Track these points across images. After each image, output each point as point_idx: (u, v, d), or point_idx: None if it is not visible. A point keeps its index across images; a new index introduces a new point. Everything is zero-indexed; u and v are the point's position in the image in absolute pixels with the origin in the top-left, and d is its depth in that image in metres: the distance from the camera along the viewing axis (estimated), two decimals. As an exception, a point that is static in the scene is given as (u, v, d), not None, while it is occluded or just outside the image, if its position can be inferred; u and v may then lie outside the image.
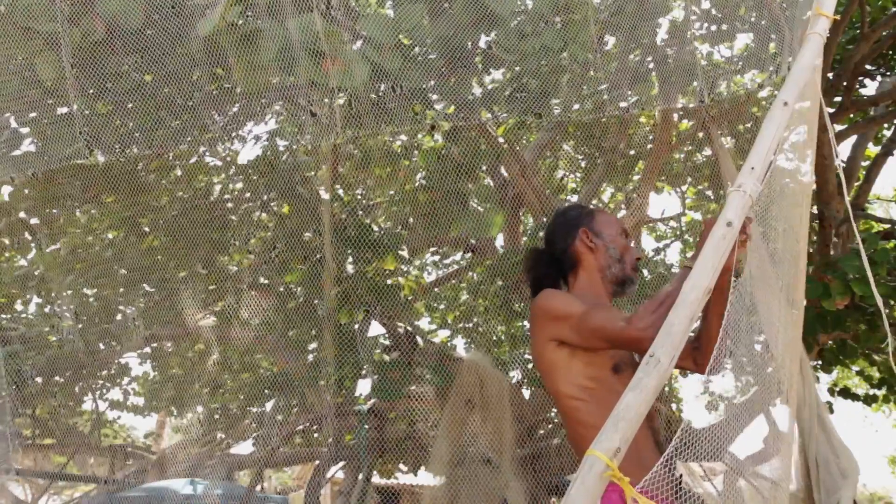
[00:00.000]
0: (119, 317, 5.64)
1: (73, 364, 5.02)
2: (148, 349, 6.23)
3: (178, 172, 4.39)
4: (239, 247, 4.89)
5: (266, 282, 4.84)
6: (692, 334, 2.28)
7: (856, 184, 6.29)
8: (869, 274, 1.96)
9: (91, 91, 3.39)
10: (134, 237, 5.00)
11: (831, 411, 6.78)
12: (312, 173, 4.78)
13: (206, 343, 5.56)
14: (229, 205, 5.00)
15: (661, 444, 1.80)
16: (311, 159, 4.55)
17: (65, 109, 3.44)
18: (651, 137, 5.44)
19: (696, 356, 1.91)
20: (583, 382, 1.79)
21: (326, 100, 3.34)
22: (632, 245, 2.07)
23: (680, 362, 1.95)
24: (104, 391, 6.51)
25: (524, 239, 5.33)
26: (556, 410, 4.87)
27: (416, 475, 5.79)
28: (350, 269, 4.52)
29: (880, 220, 6.32)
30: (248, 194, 5.08)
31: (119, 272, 5.11)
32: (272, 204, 5.02)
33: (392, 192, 5.01)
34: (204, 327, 5.57)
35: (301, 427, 5.39)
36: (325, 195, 4.52)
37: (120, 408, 6.87)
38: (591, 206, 2.53)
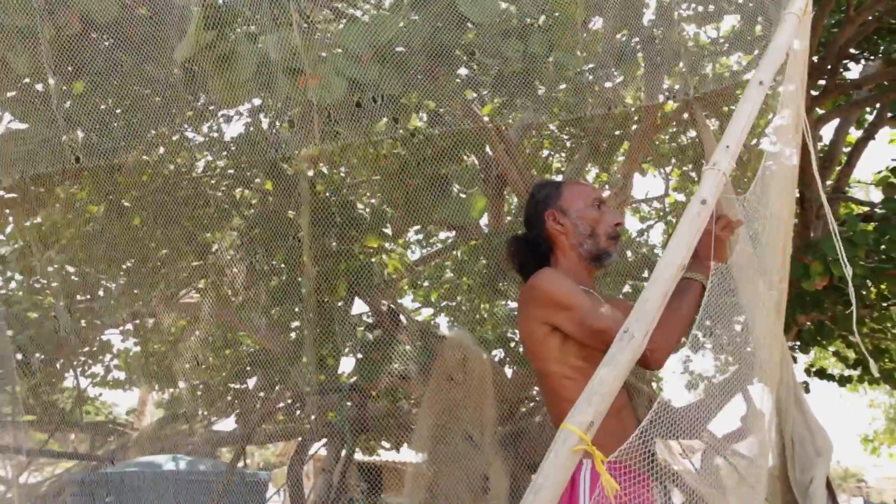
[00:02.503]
0: (101, 293, 5.60)
1: (54, 341, 4.99)
2: (130, 326, 6.20)
3: (161, 150, 4.34)
4: (221, 224, 4.86)
5: (248, 259, 4.82)
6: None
7: (837, 167, 6.34)
8: (841, 254, 1.97)
9: (69, 68, 3.34)
10: (115, 214, 4.95)
11: (807, 391, 6.90)
12: (296, 151, 4.74)
13: (189, 320, 5.55)
14: (212, 181, 4.96)
15: (636, 420, 1.82)
16: (295, 137, 4.51)
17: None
18: (636, 119, 5.45)
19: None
20: (575, 363, 1.77)
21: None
22: (607, 213, 2.00)
23: None
24: (86, 368, 6.48)
25: (508, 219, 5.34)
26: (538, 389, 4.92)
27: (398, 452, 5.84)
28: (334, 246, 4.51)
29: (860, 203, 6.38)
30: (231, 171, 5.04)
31: (101, 248, 5.07)
32: (256, 181, 4.99)
33: (375, 175, 4.99)
34: (186, 304, 5.55)
35: (283, 404, 5.41)
36: (305, 175, 4.50)
37: (102, 384, 6.85)
38: (561, 180, 2.44)
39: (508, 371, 5.10)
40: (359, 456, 6.08)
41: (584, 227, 1.95)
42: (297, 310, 4.73)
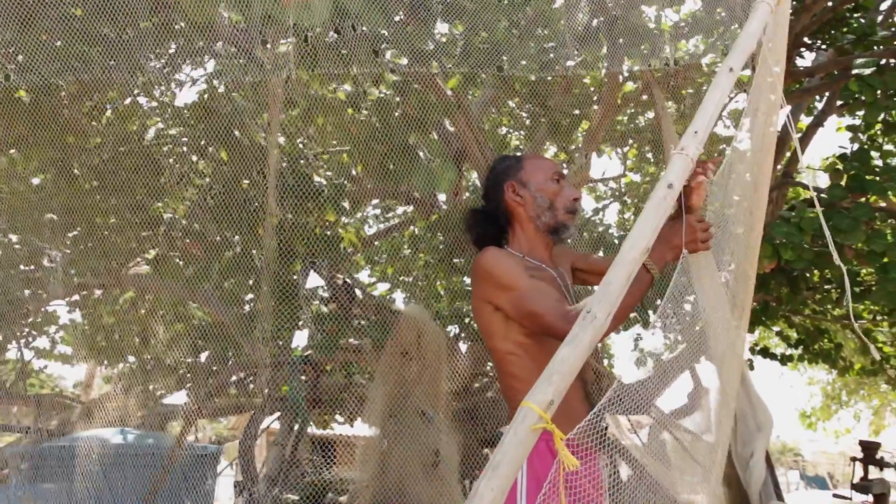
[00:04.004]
0: (46, 262, 5.42)
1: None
2: (77, 297, 6.03)
3: (109, 113, 4.18)
4: (173, 192, 4.73)
5: (201, 230, 4.71)
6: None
7: (788, 153, 6.50)
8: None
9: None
10: (63, 181, 4.78)
11: (751, 368, 7.14)
12: (253, 120, 4.63)
13: (138, 292, 5.41)
14: (164, 148, 4.81)
15: (590, 397, 1.84)
16: (252, 104, 4.40)
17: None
18: (596, 98, 5.48)
19: None
20: (519, 339, 1.79)
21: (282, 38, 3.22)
22: (566, 188, 2.00)
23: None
24: (30, 339, 6.29)
25: (467, 194, 5.34)
26: (491, 364, 4.96)
27: (352, 426, 5.85)
28: (290, 218, 4.44)
29: (808, 188, 6.57)
30: (184, 139, 4.90)
31: (46, 217, 4.89)
32: (209, 149, 4.86)
33: (335, 143, 4.91)
34: (136, 276, 5.41)
35: (236, 378, 5.34)
36: (269, 143, 4.40)
37: (47, 357, 6.65)
38: (522, 154, 2.45)
39: (463, 347, 5.13)
40: (312, 430, 6.06)
41: (543, 200, 1.95)
42: (250, 282, 4.66)
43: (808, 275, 5.82)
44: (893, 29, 4.93)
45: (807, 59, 6.29)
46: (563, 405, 1.20)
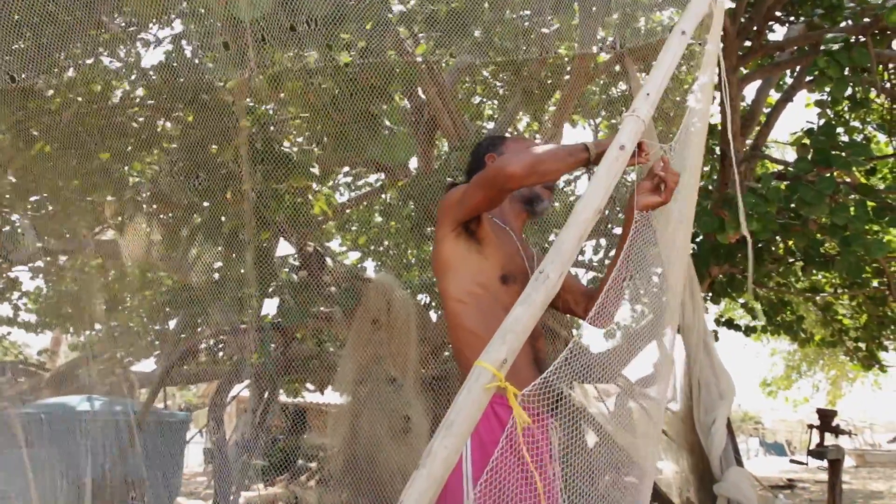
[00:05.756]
0: (7, 228, 5.29)
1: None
2: (40, 263, 5.91)
3: (71, 73, 4.05)
4: (139, 156, 4.63)
5: (170, 194, 4.63)
6: (592, 286, 2.34)
7: (757, 127, 6.57)
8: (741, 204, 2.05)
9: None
10: (22, 143, 4.64)
11: (716, 339, 7.29)
12: (221, 84, 4.53)
13: (104, 257, 5.32)
14: (129, 111, 4.69)
15: (539, 362, 1.85)
16: (220, 67, 4.30)
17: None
18: (569, 69, 5.46)
19: (589, 305, 1.94)
20: (470, 287, 1.79)
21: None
22: None
23: (574, 307, 2.00)
24: (-9, 306, 6.18)
25: (438, 163, 5.31)
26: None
27: (322, 394, 5.87)
28: (260, 185, 4.38)
29: (776, 161, 6.66)
30: (150, 101, 4.77)
31: (6, 179, 4.75)
32: (176, 113, 4.75)
33: (302, 111, 4.83)
34: (101, 241, 5.31)
35: (205, 345, 5.31)
36: (236, 107, 4.32)
37: (10, 324, 6.54)
38: (508, 135, 2.50)
39: (433, 315, 5.16)
40: (283, 398, 6.07)
41: None
42: (219, 249, 4.61)
43: (772, 247, 5.93)
44: (863, 5, 4.97)
45: (778, 34, 6.33)
46: (513, 369, 1.21)
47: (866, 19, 4.73)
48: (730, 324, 7.48)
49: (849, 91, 5.11)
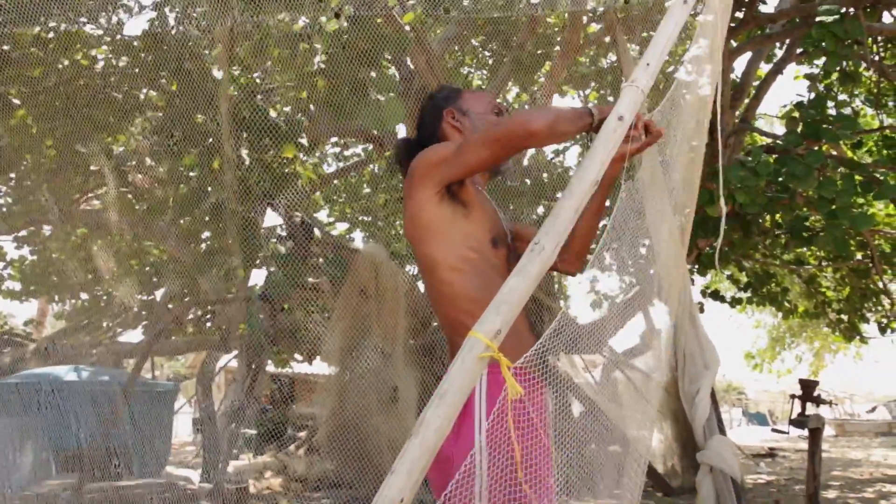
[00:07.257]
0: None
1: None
2: (25, 232, 5.85)
3: (51, 34, 3.96)
4: (123, 126, 4.56)
5: (156, 164, 4.57)
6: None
7: (746, 100, 6.55)
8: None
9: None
10: (5, 111, 4.55)
11: (702, 311, 7.36)
12: (206, 51, 4.45)
13: (90, 227, 5.27)
14: (112, 79, 4.61)
15: (535, 330, 1.82)
16: (204, 35, 4.22)
17: None
18: (559, 39, 5.41)
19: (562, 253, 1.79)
20: (464, 253, 1.64)
21: None
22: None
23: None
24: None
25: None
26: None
27: (310, 364, 5.89)
28: (246, 155, 4.34)
29: (765, 134, 6.66)
30: (135, 70, 4.68)
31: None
32: (162, 82, 4.67)
33: (289, 78, 4.76)
34: (87, 210, 5.26)
35: (192, 316, 5.30)
36: (220, 75, 4.24)
37: (-5, 294, 6.48)
38: (460, 87, 2.34)
39: (422, 286, 5.16)
40: (271, 368, 6.08)
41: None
42: (207, 219, 4.57)
43: (760, 220, 5.96)
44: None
45: (769, 5, 6.30)
46: (514, 336, 1.20)
47: (858, -9, 4.71)
48: (715, 295, 7.54)
49: (841, 64, 5.10)
